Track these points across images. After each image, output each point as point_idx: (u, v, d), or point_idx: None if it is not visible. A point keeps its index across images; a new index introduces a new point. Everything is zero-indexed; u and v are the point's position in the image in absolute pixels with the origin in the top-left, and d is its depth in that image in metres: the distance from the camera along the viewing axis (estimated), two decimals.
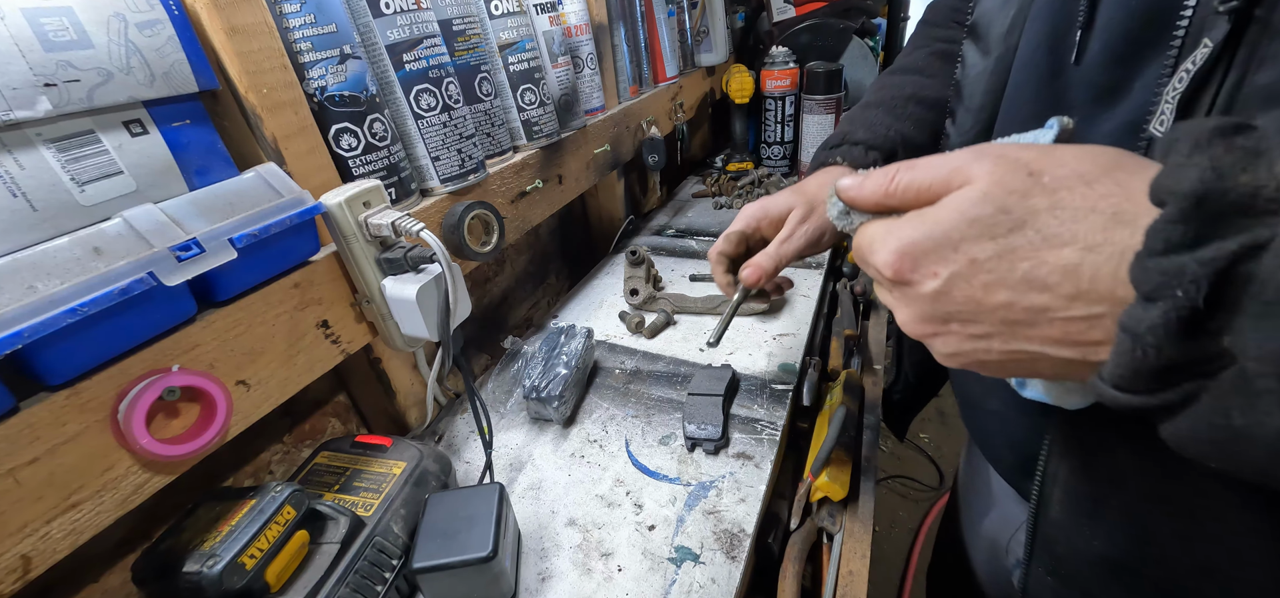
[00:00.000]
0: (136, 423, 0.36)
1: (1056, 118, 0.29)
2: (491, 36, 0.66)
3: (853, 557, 0.50)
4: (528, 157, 0.71)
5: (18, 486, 0.32)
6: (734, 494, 0.52)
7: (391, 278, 0.50)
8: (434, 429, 0.65)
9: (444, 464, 0.52)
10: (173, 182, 0.41)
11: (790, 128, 1.21)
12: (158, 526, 0.48)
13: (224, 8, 0.41)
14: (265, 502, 0.39)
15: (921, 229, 0.26)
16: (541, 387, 0.60)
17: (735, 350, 0.71)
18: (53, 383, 0.34)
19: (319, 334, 0.48)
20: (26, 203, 0.35)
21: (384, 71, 0.53)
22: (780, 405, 0.61)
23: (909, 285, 0.27)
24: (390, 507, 0.45)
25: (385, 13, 0.51)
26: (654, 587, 0.45)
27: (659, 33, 1.04)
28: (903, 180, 0.28)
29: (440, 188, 0.59)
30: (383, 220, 0.48)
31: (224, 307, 0.42)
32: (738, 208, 1.10)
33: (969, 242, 0.25)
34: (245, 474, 0.54)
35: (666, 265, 0.92)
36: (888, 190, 0.29)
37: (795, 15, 1.31)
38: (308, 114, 0.47)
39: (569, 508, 0.53)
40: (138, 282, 0.35)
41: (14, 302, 0.31)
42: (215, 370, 0.41)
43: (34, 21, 0.34)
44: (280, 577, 0.38)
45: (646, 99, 1.02)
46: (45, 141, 0.35)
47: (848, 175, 0.31)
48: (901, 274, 0.27)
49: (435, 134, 0.57)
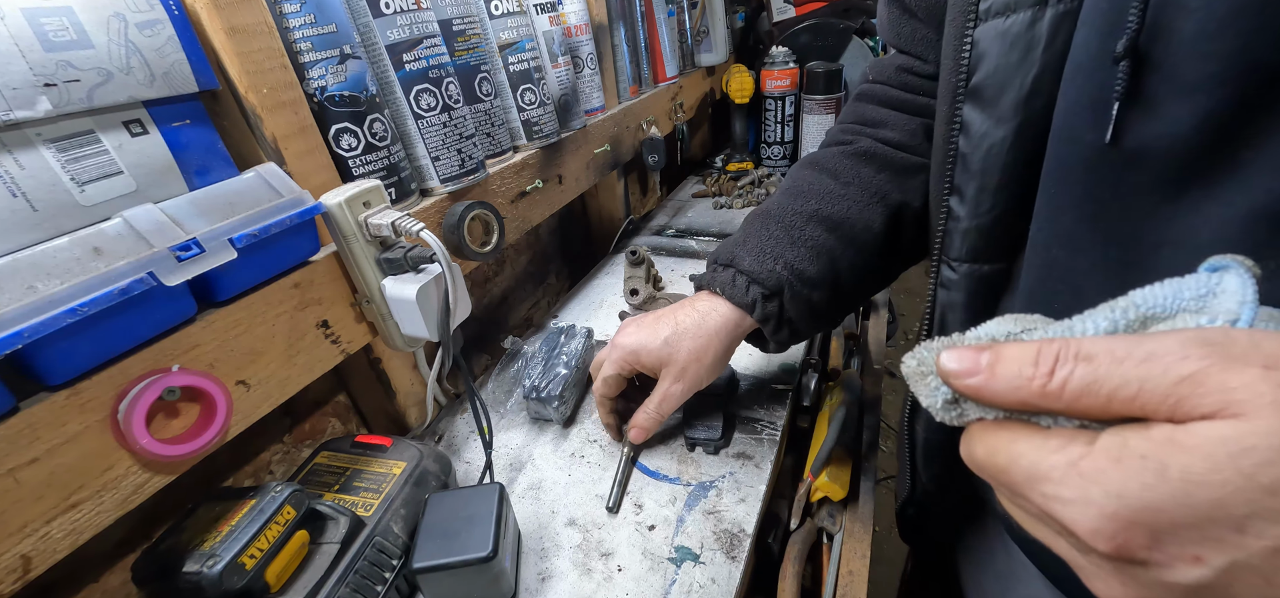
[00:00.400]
0: (136, 423, 0.36)
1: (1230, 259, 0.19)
2: (491, 36, 0.66)
3: (853, 557, 0.50)
4: (528, 157, 0.71)
5: (18, 485, 0.32)
6: (734, 494, 0.52)
7: (391, 278, 0.50)
8: (434, 429, 0.65)
9: (444, 464, 0.52)
10: (173, 182, 0.41)
11: (790, 128, 1.21)
12: (158, 526, 0.48)
13: (224, 8, 0.41)
14: (265, 502, 0.39)
15: (1165, 488, 0.17)
16: (541, 387, 0.60)
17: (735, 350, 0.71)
18: (53, 383, 0.34)
19: (319, 334, 0.48)
20: (26, 203, 0.35)
21: (384, 71, 0.53)
22: (780, 405, 0.61)
23: (1142, 566, 0.18)
24: (390, 507, 0.45)
25: (385, 13, 0.51)
26: (654, 587, 0.45)
27: (659, 33, 1.04)
28: (1081, 380, 0.19)
29: (440, 188, 0.59)
30: (383, 220, 0.48)
31: (224, 307, 0.42)
32: (738, 209, 1.10)
33: (1260, 519, 0.16)
34: (245, 474, 0.54)
35: (666, 265, 0.92)
36: (1045, 391, 0.19)
37: (795, 15, 1.31)
38: (308, 114, 0.47)
39: (569, 508, 0.53)
40: (138, 282, 0.35)
41: (14, 302, 0.31)
42: (215, 370, 0.41)
43: (34, 21, 0.34)
44: (280, 577, 0.38)
45: (646, 99, 1.02)
46: (45, 141, 0.35)
47: (950, 351, 0.22)
48: (1130, 551, 0.18)
49: (435, 134, 0.57)
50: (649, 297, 0.79)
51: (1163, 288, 0.20)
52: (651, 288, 0.81)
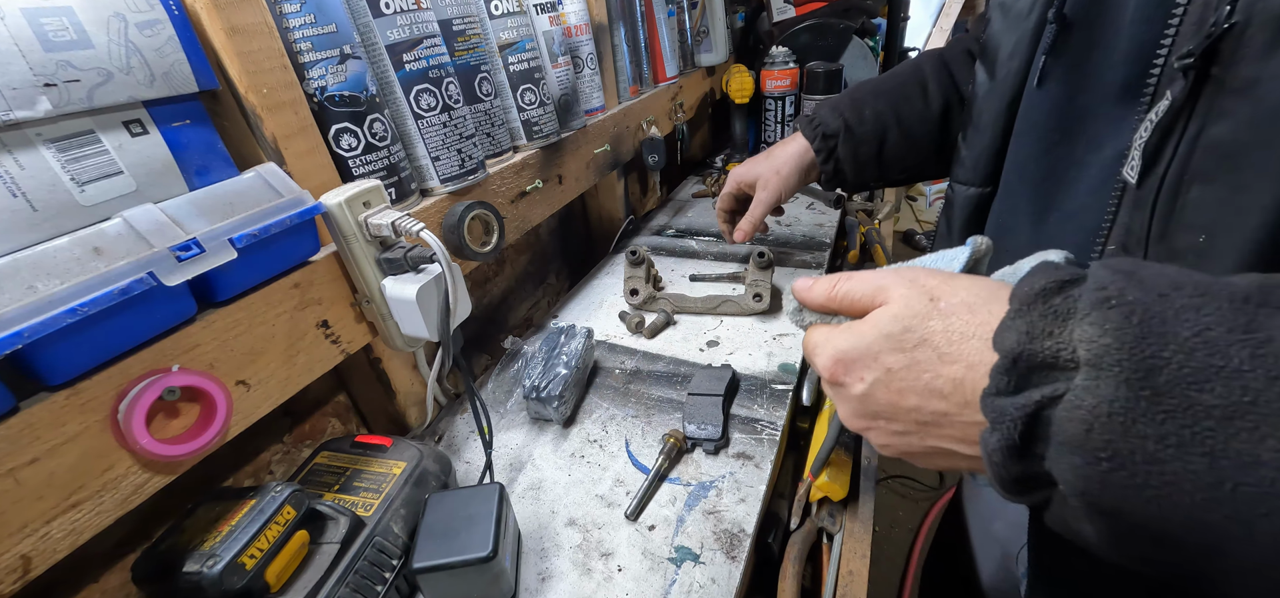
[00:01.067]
0: (136, 423, 0.36)
1: (972, 238, 0.34)
2: (491, 36, 0.66)
3: (853, 557, 0.50)
4: (528, 157, 0.71)
5: (18, 485, 0.32)
6: (734, 494, 0.52)
7: (391, 278, 0.50)
8: (434, 429, 0.65)
9: (444, 464, 0.52)
10: (173, 182, 0.41)
11: (790, 128, 1.21)
12: (158, 526, 0.48)
13: (224, 8, 0.41)
14: (265, 502, 0.39)
15: (850, 339, 0.31)
16: (541, 387, 0.60)
17: (735, 350, 0.71)
18: (53, 383, 0.34)
19: (319, 334, 0.48)
20: (26, 203, 0.35)
21: (384, 71, 0.53)
22: (780, 405, 0.61)
23: (843, 386, 0.32)
24: (390, 507, 0.45)
25: (385, 13, 0.51)
26: (654, 587, 0.45)
27: (659, 33, 1.04)
28: (841, 290, 0.34)
29: (440, 188, 0.59)
30: (383, 220, 0.48)
31: (224, 307, 0.42)
32: None
33: (885, 353, 0.29)
34: (245, 474, 0.54)
35: (666, 265, 0.92)
36: (829, 297, 0.35)
37: (795, 15, 1.31)
38: (308, 114, 0.47)
39: (569, 508, 0.53)
40: (138, 282, 0.35)
41: (14, 302, 0.31)
42: (215, 370, 0.41)
43: (34, 21, 0.34)
44: (280, 577, 0.38)
45: (646, 99, 1.02)
46: (45, 141, 0.35)
47: (804, 278, 0.37)
48: (836, 377, 0.32)
49: (435, 134, 0.57)
50: (649, 297, 0.79)
51: (937, 254, 0.36)
52: (651, 288, 0.81)
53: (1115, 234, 0.34)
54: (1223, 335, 0.19)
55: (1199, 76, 0.27)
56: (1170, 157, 0.29)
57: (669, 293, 0.82)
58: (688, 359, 0.70)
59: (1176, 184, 0.29)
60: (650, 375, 0.68)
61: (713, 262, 0.92)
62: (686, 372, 0.68)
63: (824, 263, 0.87)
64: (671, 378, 0.67)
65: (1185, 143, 0.28)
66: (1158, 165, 0.30)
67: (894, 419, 0.30)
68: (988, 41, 0.47)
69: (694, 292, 0.83)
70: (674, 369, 0.69)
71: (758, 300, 0.76)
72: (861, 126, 0.67)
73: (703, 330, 0.75)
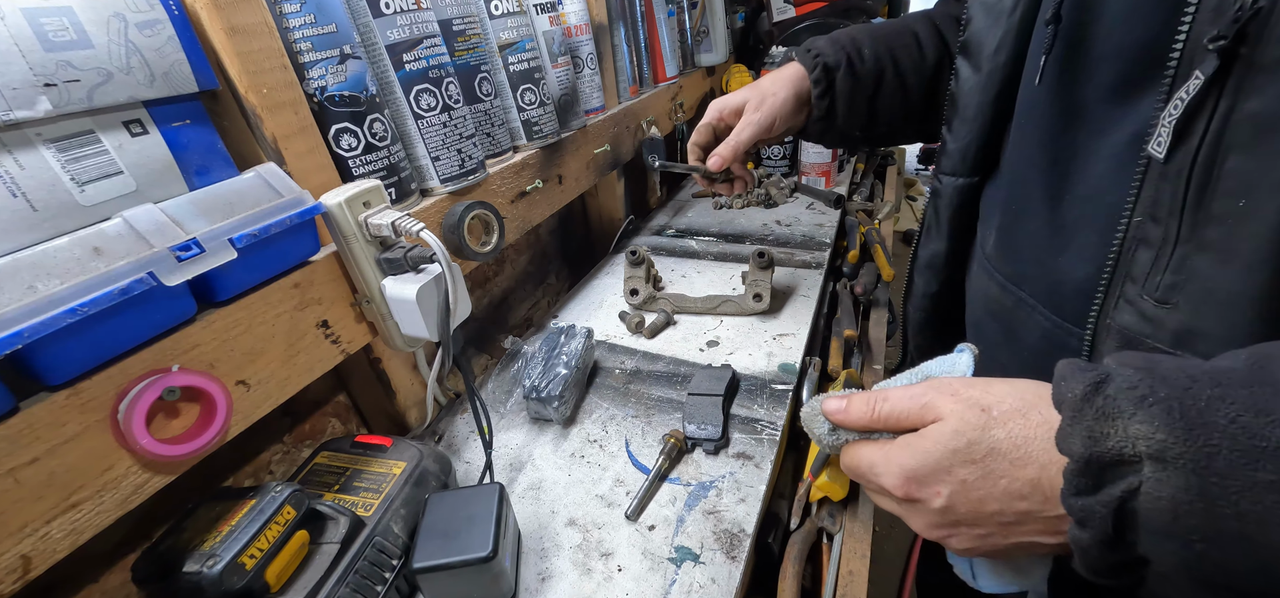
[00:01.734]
0: (136, 423, 0.36)
1: (968, 347, 0.38)
2: (491, 36, 0.66)
3: (853, 557, 0.50)
4: (528, 157, 0.71)
5: (18, 485, 0.32)
6: (734, 494, 0.52)
7: (391, 278, 0.50)
8: (434, 429, 0.65)
9: (444, 464, 0.52)
10: (173, 182, 0.41)
11: None
12: (158, 526, 0.48)
13: (224, 8, 0.41)
14: (265, 502, 0.38)
15: (915, 458, 0.33)
16: (541, 387, 0.60)
17: (735, 350, 0.71)
18: (53, 383, 0.34)
19: (319, 334, 0.48)
20: (26, 203, 0.35)
21: (384, 71, 0.53)
22: (780, 405, 0.61)
23: (919, 502, 0.34)
24: (390, 507, 0.45)
25: (385, 13, 0.51)
26: (654, 587, 0.45)
27: (659, 33, 1.04)
28: (883, 411, 0.36)
29: (440, 188, 0.59)
30: (383, 220, 0.48)
31: (224, 307, 0.42)
32: (738, 208, 1.11)
33: (957, 467, 0.32)
34: (245, 474, 0.54)
35: (666, 265, 0.92)
36: (871, 418, 0.36)
37: (795, 15, 1.31)
38: (308, 114, 0.47)
39: (569, 508, 0.53)
40: (138, 282, 0.35)
41: (14, 302, 0.31)
42: (215, 370, 0.41)
43: (34, 21, 0.34)
44: (280, 577, 0.38)
45: (646, 99, 1.02)
46: (45, 141, 0.35)
47: (833, 398, 0.39)
48: (910, 494, 0.34)
49: (435, 134, 0.57)
50: (649, 297, 0.79)
51: (935, 361, 0.40)
52: (651, 288, 0.81)
53: (1141, 206, 0.34)
54: (1252, 420, 0.23)
55: (1228, 56, 0.28)
56: (1202, 131, 0.30)
57: (669, 293, 0.82)
58: (688, 359, 0.70)
59: (1212, 155, 0.30)
60: (650, 375, 0.68)
61: (713, 262, 0.92)
62: (686, 372, 0.68)
63: (824, 263, 0.87)
64: (671, 378, 0.67)
65: (1217, 118, 0.29)
66: (1188, 140, 0.31)
67: (976, 525, 0.32)
68: (970, 36, 0.49)
69: (694, 292, 0.83)
70: (674, 369, 0.69)
71: (758, 300, 0.76)
72: (861, 64, 0.63)
73: (703, 330, 0.75)
